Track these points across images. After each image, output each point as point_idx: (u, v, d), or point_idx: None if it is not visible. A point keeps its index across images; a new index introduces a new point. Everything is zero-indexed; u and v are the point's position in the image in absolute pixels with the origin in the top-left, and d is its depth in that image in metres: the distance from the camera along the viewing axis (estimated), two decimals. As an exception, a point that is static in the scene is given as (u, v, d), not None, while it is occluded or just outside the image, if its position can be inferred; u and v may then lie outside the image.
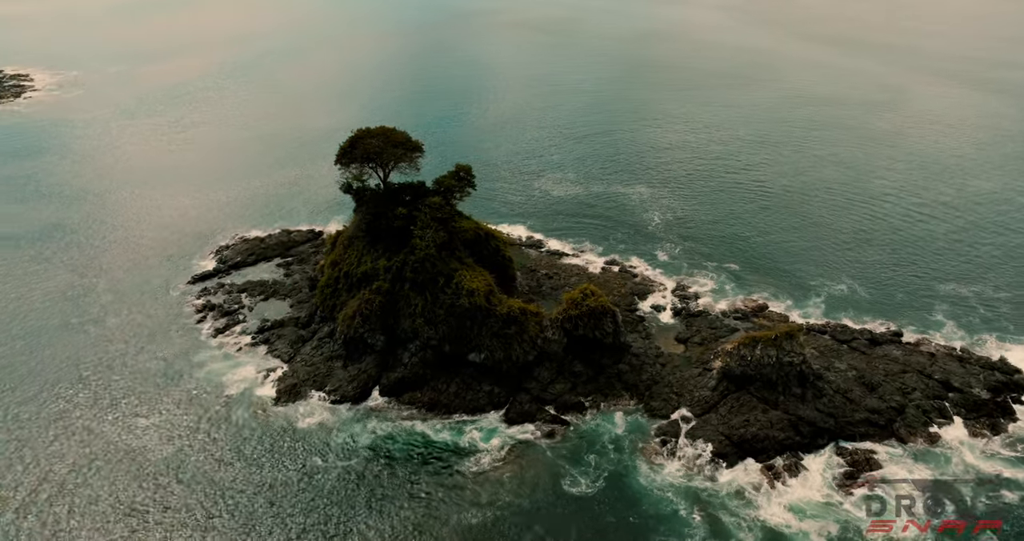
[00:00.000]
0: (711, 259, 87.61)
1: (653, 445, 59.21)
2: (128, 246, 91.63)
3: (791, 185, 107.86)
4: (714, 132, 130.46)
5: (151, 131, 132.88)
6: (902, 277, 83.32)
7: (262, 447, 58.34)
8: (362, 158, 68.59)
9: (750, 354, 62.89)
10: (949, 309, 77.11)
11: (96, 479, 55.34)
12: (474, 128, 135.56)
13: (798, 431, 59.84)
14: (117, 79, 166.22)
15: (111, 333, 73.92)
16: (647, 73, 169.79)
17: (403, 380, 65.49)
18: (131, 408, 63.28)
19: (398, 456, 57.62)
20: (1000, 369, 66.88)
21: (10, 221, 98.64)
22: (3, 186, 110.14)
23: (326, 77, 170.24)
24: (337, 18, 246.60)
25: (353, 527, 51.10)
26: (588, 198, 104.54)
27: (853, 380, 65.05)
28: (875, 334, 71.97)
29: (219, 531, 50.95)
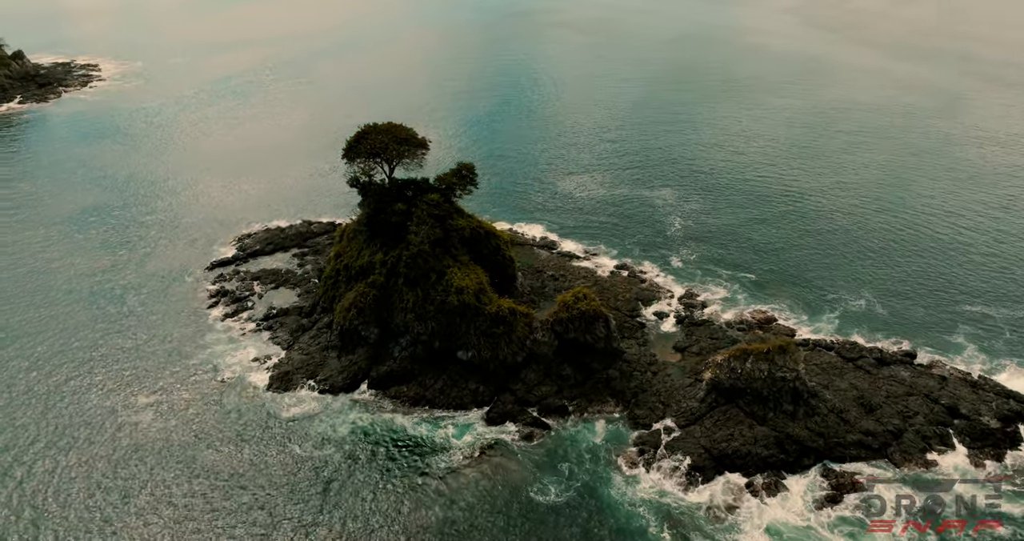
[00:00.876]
0: (727, 267, 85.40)
1: (631, 454, 58.20)
2: (160, 229, 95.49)
3: (824, 193, 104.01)
4: (750, 138, 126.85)
5: (199, 121, 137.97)
6: (927, 294, 79.37)
7: (245, 431, 60.01)
8: (366, 153, 69.55)
9: (740, 367, 61.08)
10: (972, 331, 73.08)
11: (81, 450, 57.95)
12: (507, 126, 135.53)
13: (783, 449, 57.81)
14: (176, 71, 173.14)
15: (128, 311, 77.31)
16: (685, 76, 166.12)
17: (391, 373, 66.26)
18: (134, 385, 66.06)
19: (372, 449, 58.35)
20: (1016, 398, 63.02)
21: (57, 200, 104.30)
22: (56, 168, 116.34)
23: (369, 74, 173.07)
24: (389, 18, 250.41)
25: (309, 518, 51.84)
26: (610, 200, 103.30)
27: (852, 400, 62.41)
28: (885, 353, 68.83)
29: (178, 507, 52.72)
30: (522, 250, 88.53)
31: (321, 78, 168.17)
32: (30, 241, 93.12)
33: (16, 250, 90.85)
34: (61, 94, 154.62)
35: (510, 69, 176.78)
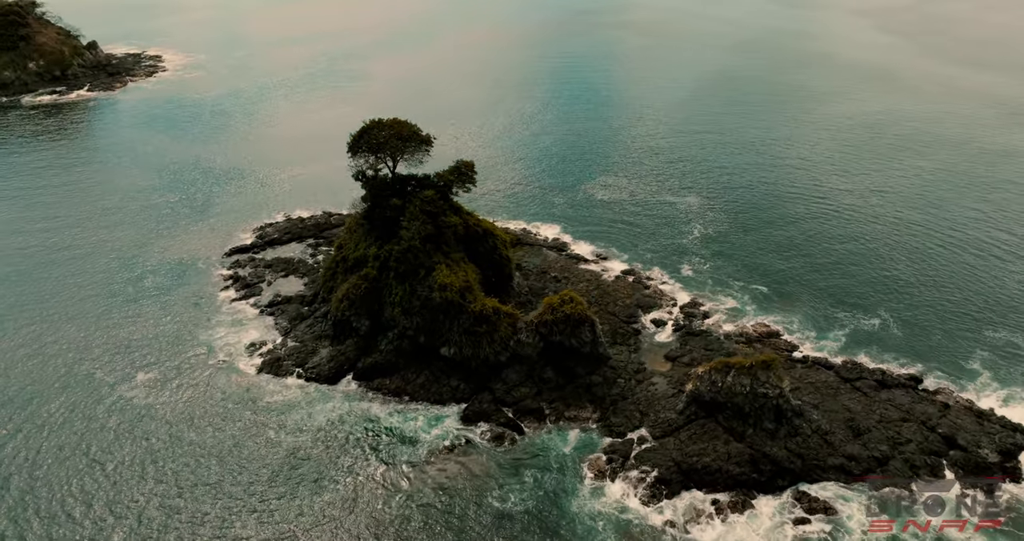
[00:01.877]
0: (740, 278, 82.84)
1: (599, 462, 57.28)
2: (191, 213, 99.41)
3: (858, 206, 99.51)
4: (791, 146, 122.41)
5: (249, 112, 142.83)
6: (949, 317, 75.04)
7: (226, 414, 61.96)
8: (368, 148, 70.67)
9: (721, 380, 59.25)
10: (990, 357, 68.74)
11: (72, 422, 61.01)
12: (542, 125, 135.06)
13: (757, 468, 55.79)
14: (237, 63, 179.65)
15: (144, 289, 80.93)
16: (734, 81, 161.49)
17: (376, 365, 67.21)
18: (135, 361, 69.10)
19: (344, 438, 59.32)
20: (1023, 431, 59.00)
21: (102, 182, 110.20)
22: (108, 152, 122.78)
23: (421, 69, 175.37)
24: (451, 14, 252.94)
25: (264, 504, 52.94)
26: (631, 204, 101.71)
27: (841, 422, 59.68)
28: (887, 376, 65.49)
29: (142, 480, 55.13)
30: (530, 250, 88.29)
31: (375, 73, 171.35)
32: (68, 216, 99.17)
33: (54, 225, 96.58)
34: (127, 83, 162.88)
35: (558, 68, 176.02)
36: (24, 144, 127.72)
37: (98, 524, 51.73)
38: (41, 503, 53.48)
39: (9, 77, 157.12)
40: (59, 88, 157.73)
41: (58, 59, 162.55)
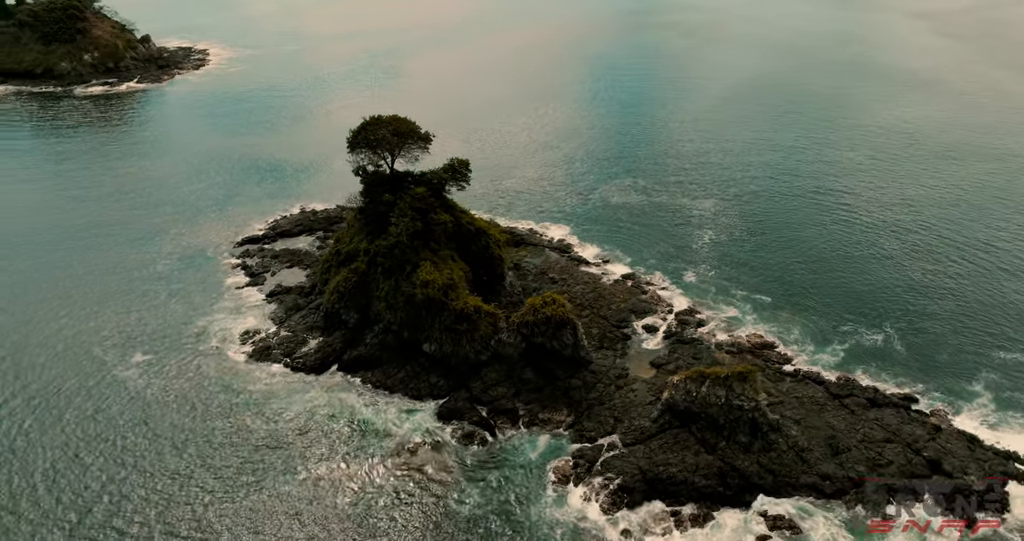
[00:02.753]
0: (744, 287, 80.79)
1: (565, 467, 56.77)
2: (212, 203, 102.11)
3: (880, 217, 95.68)
4: (825, 153, 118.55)
5: (285, 105, 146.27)
6: (957, 335, 71.69)
7: (210, 398, 63.62)
8: (365, 144, 71.57)
9: (696, 390, 57.97)
10: (996, 380, 65.39)
11: (61, 398, 63.68)
12: (569, 124, 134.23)
13: (724, 481, 54.41)
14: (281, 58, 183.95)
15: (154, 274, 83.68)
16: (775, 84, 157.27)
17: (360, 358, 68.09)
18: (134, 342, 71.60)
19: (317, 429, 60.27)
20: (1016, 459, 55.95)
21: (132, 170, 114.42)
22: (143, 142, 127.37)
23: (455, 67, 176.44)
24: (499, 13, 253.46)
25: (224, 490, 54.00)
26: (645, 207, 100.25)
27: (821, 439, 57.68)
28: (880, 394, 62.97)
29: (114, 461, 57.04)
30: (533, 250, 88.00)
31: (412, 70, 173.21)
32: (97, 197, 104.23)
33: (82, 205, 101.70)
34: (174, 75, 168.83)
35: (594, 67, 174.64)
36: (70, 131, 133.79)
37: (58, 501, 53.53)
38: (1, 477, 55.84)
39: (65, 68, 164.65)
40: (111, 80, 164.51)
41: (112, 52, 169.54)
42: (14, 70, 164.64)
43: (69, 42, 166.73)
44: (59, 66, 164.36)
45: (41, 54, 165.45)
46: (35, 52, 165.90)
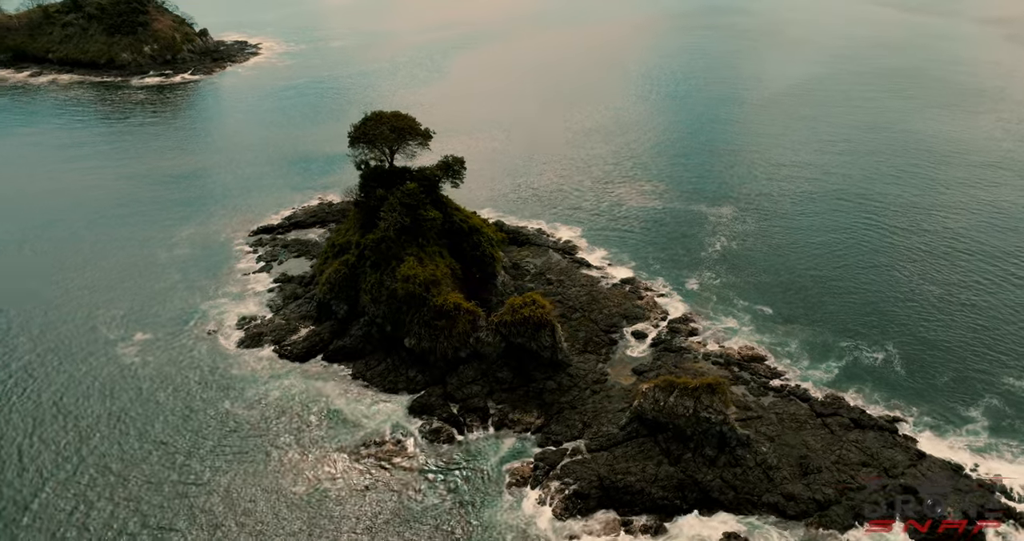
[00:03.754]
0: (747, 297, 78.54)
1: (525, 469, 56.41)
2: (238, 193, 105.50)
3: (906, 230, 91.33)
4: (860, 161, 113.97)
5: (319, 98, 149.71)
6: (963, 357, 67.97)
7: (194, 379, 65.67)
8: (364, 140, 72.68)
9: (664, 400, 56.72)
10: (996, 406, 61.76)
11: (59, 371, 66.85)
12: (600, 125, 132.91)
13: (682, 494, 53.09)
14: (331, 53, 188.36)
15: (170, 258, 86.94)
16: (822, 91, 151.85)
17: (344, 349, 69.21)
18: (139, 321, 74.53)
19: (289, 416, 61.33)
20: (1005, 493, 52.69)
21: (169, 157, 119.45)
22: (184, 130, 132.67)
23: (500, 66, 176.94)
24: (563, 11, 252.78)
25: (189, 477, 55.21)
26: (660, 211, 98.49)
27: (793, 459, 55.63)
28: (865, 415, 60.26)
29: (80, 430, 59.63)
30: (537, 251, 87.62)
31: (458, 67, 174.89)
32: (131, 179, 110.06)
33: (117, 184, 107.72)
34: (225, 68, 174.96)
35: (639, 68, 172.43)
36: (119, 118, 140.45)
37: (26, 473, 55.72)
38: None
39: (127, 59, 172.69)
40: (167, 71, 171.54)
41: (170, 44, 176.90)
42: (80, 60, 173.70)
43: (131, 34, 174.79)
44: (121, 57, 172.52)
45: (105, 45, 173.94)
46: (100, 43, 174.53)
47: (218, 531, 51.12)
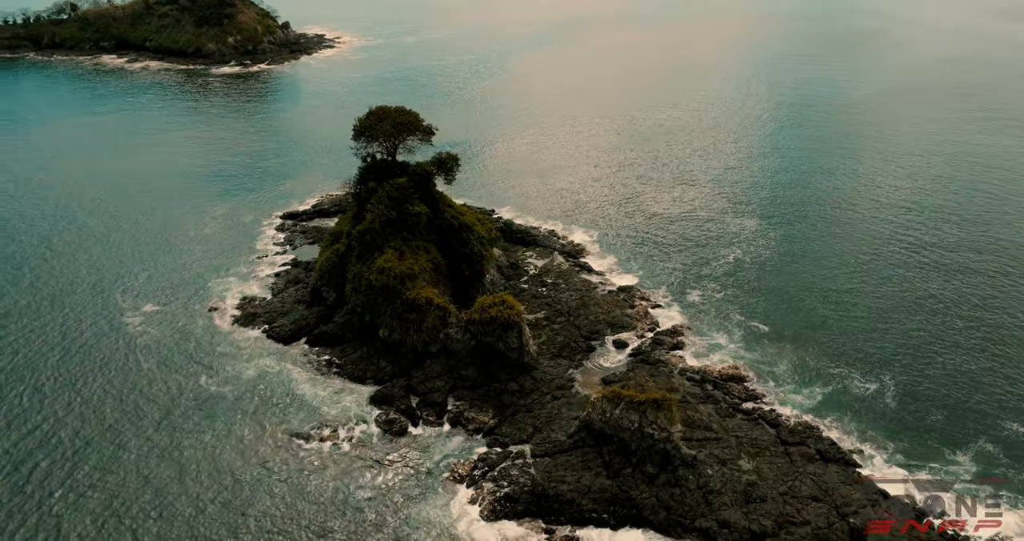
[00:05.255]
0: (746, 312, 75.27)
1: (464, 468, 56.34)
2: (276, 177, 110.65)
3: (937, 262, 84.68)
4: (916, 180, 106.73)
5: (380, 92, 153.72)
6: (964, 397, 62.68)
7: (180, 354, 68.91)
8: (366, 134, 74.37)
9: (610, 411, 55.32)
10: (989, 452, 56.61)
11: (61, 335, 71.57)
12: (646, 128, 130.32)
13: (611, 508, 51.68)
14: (403, 49, 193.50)
15: (199, 235, 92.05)
16: (898, 99, 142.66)
17: (325, 335, 71.17)
18: (151, 294, 79.17)
19: (254, 395, 62.97)
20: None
21: (225, 141, 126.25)
22: (244, 116, 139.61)
23: (568, 65, 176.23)
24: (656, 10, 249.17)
25: (148, 450, 57.17)
26: (681, 220, 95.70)
27: (741, 485, 53.00)
28: (835, 448, 56.61)
29: (61, 396, 63.22)
30: (543, 252, 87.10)
31: (525, 65, 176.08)
32: (184, 159, 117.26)
33: (168, 166, 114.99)
34: (299, 59, 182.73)
35: (705, 70, 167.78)
36: (191, 103, 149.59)
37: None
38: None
39: (211, 49, 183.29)
40: (246, 61, 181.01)
41: (251, 36, 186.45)
42: (171, 48, 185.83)
43: (217, 25, 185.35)
44: (206, 47, 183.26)
45: (193, 36, 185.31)
46: (189, 34, 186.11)
47: (150, 491, 53.42)
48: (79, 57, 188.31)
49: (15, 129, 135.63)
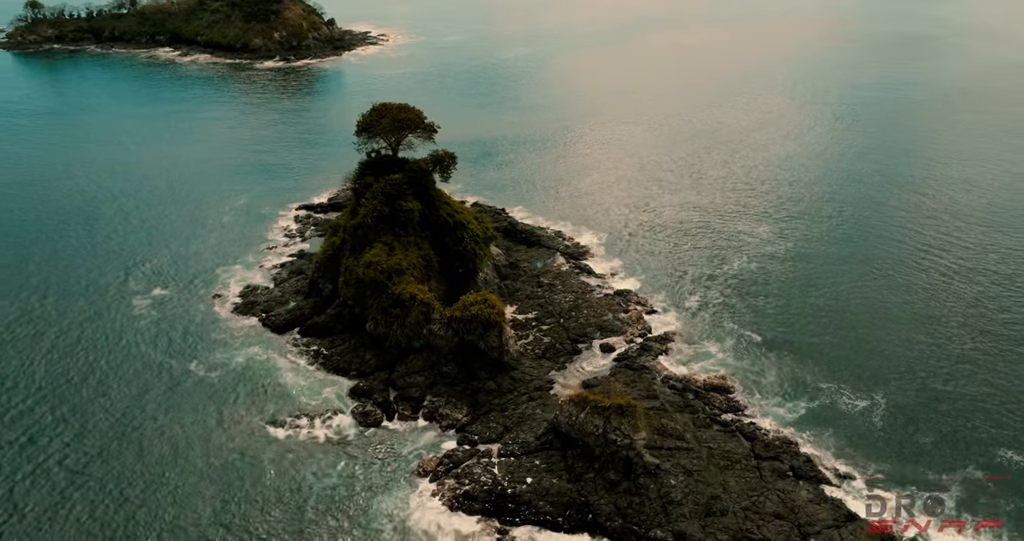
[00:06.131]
0: (740, 321, 73.55)
1: (430, 463, 56.66)
2: (299, 171, 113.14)
3: (956, 283, 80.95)
4: (968, 193, 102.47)
5: (411, 89, 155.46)
6: (962, 419, 59.95)
7: (174, 339, 70.69)
8: (367, 131, 75.45)
9: (576, 415, 54.83)
10: (978, 481, 53.96)
11: (64, 313, 74.68)
12: (677, 131, 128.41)
13: (568, 513, 51.23)
14: (443, 48, 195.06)
15: (216, 223, 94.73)
16: (951, 111, 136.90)
17: (317, 326, 72.42)
18: (162, 279, 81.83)
19: (237, 381, 64.27)
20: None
21: (257, 133, 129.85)
22: (279, 110, 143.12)
23: (609, 67, 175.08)
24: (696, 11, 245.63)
25: (129, 429, 59.09)
26: (694, 225, 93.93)
27: (704, 497, 51.89)
28: (810, 465, 54.89)
29: (47, 370, 65.90)
30: (546, 253, 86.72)
31: (559, 68, 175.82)
32: (215, 146, 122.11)
33: (197, 150, 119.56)
34: (341, 56, 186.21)
35: (750, 74, 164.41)
36: (233, 95, 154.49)
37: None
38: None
39: (257, 44, 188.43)
40: (290, 56, 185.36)
41: (296, 32, 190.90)
42: (219, 43, 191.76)
43: (264, 21, 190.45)
44: (253, 42, 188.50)
45: (241, 31, 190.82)
46: (237, 29, 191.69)
47: (117, 466, 55.44)
48: (135, 50, 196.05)
49: (71, 117, 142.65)
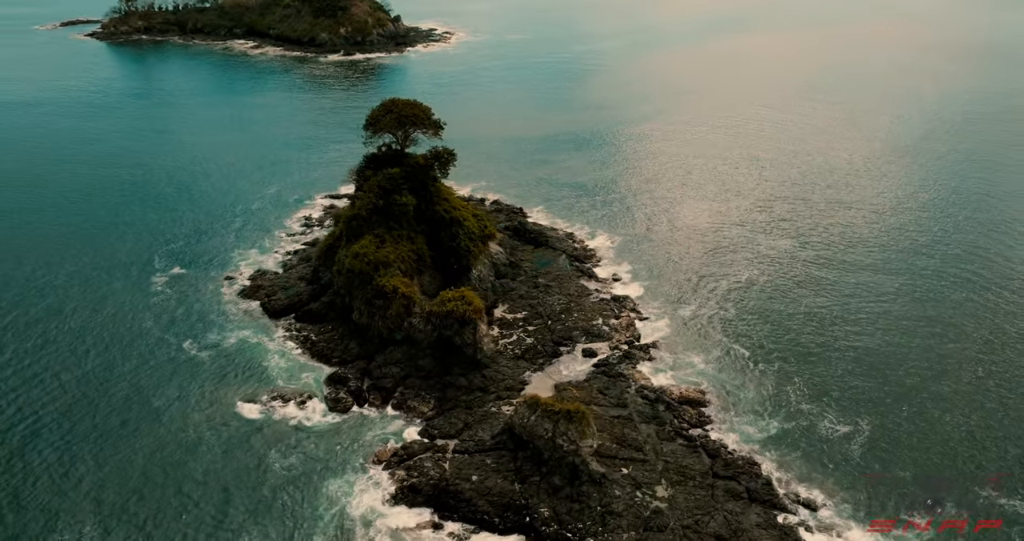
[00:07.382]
0: (732, 334, 71.26)
1: (385, 453, 57.47)
2: (332, 163, 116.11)
3: (973, 313, 75.82)
4: (998, 212, 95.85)
5: (463, 86, 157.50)
6: (946, 454, 56.19)
7: (177, 317, 73.86)
8: (374, 127, 76.98)
9: (528, 416, 54.44)
10: (952, 518, 50.48)
11: (81, 289, 78.73)
12: (726, 138, 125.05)
13: (503, 514, 51.00)
14: (503, 46, 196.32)
15: (247, 209, 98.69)
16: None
17: (310, 312, 74.48)
18: (183, 258, 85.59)
19: (223, 363, 66.58)
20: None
21: (303, 123, 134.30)
22: (333, 101, 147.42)
23: (649, 70, 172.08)
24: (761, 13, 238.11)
25: (105, 392, 62.36)
26: (712, 234, 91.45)
27: (646, 511, 50.64)
28: (767, 488, 52.69)
29: (53, 346, 69.34)
30: (551, 253, 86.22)
31: (619, 68, 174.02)
32: (264, 133, 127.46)
33: (249, 136, 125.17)
34: (403, 52, 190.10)
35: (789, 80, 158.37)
36: (292, 87, 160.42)
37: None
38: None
39: (325, 38, 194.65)
40: (353, 51, 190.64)
41: (361, 27, 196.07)
42: (289, 37, 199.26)
43: (331, 17, 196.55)
44: (320, 36, 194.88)
45: (310, 25, 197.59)
46: (306, 23, 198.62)
47: (89, 442, 58.21)
48: (214, 42, 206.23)
49: (150, 100, 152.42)
